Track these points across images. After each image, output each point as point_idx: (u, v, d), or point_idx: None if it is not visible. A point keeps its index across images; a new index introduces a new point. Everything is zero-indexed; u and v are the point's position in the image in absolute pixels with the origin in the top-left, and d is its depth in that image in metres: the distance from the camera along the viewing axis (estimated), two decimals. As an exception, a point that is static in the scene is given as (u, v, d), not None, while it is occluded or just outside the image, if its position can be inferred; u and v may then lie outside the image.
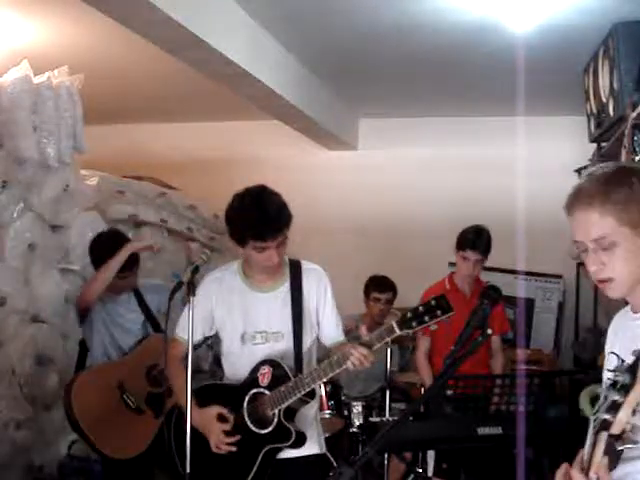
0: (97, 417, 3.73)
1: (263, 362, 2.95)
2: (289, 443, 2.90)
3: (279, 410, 2.88)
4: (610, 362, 1.91)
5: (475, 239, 4.39)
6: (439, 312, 2.65)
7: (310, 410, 3.05)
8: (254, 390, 2.95)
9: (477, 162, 6.92)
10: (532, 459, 4.15)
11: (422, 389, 4.67)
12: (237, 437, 2.92)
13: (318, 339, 3.12)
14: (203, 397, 3.01)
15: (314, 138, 6.99)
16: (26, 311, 4.55)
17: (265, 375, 2.93)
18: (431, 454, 4.16)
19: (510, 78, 4.97)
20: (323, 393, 4.40)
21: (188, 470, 2.78)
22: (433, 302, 2.67)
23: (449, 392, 3.78)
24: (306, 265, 3.09)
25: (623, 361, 1.84)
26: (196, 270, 2.85)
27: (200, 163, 7.42)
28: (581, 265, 5.94)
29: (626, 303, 1.92)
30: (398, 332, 2.69)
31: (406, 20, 4.58)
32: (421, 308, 2.67)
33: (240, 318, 3.02)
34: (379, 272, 5.66)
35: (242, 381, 3.01)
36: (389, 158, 7.28)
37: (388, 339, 2.73)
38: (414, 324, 2.67)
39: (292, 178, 7.23)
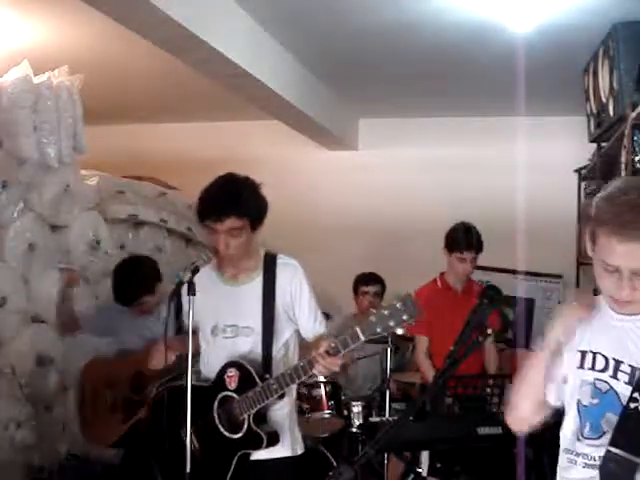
0: (85, 401, 3.99)
1: (230, 364, 2.89)
2: (261, 448, 2.84)
3: (248, 415, 2.82)
4: (597, 362, 1.93)
5: (468, 238, 4.38)
6: (405, 317, 2.48)
7: (281, 411, 2.96)
8: (223, 393, 2.90)
9: (477, 162, 6.92)
10: (532, 459, 4.15)
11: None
12: None
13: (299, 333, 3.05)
14: (174, 398, 2.95)
15: (314, 138, 6.98)
16: (26, 311, 4.56)
17: (232, 378, 2.87)
18: (425, 453, 4.15)
19: (510, 78, 4.96)
20: (323, 393, 4.38)
21: (188, 470, 2.74)
22: (399, 305, 2.49)
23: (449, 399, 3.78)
24: (281, 259, 3.00)
25: (617, 362, 1.87)
26: (196, 270, 2.82)
27: (200, 163, 7.39)
28: (581, 265, 5.94)
29: None
30: (362, 338, 2.57)
31: (406, 20, 4.57)
32: (386, 312, 2.50)
33: (211, 310, 2.97)
34: (379, 272, 5.68)
35: (211, 382, 2.96)
36: (389, 158, 7.27)
37: (353, 346, 2.61)
38: (378, 329, 2.52)
39: (292, 178, 7.25)
